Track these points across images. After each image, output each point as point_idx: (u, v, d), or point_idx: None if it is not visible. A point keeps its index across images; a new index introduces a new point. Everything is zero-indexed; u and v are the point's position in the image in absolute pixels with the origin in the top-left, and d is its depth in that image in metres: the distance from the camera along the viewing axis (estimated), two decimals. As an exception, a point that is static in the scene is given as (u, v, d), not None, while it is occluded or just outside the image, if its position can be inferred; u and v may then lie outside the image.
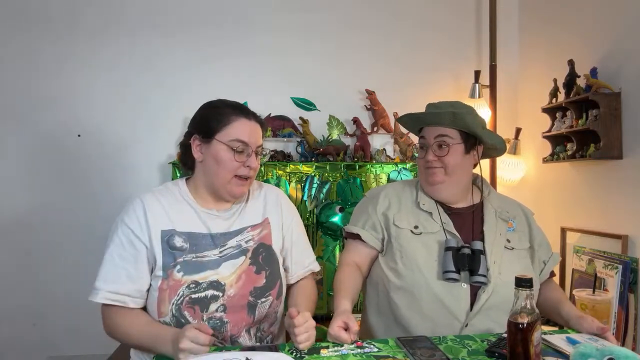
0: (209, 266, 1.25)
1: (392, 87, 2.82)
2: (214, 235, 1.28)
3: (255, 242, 1.32)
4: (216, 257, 1.26)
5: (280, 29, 2.80)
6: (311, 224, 2.66)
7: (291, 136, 2.70)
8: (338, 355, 1.10)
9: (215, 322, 1.22)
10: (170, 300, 1.20)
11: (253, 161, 1.26)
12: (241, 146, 1.25)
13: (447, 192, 1.44)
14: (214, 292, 1.23)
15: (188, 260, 1.24)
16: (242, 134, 1.25)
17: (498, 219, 1.44)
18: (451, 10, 2.95)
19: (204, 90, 2.68)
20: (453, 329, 1.29)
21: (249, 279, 1.27)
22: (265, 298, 1.29)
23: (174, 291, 1.20)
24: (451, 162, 1.40)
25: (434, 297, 1.31)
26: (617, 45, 2.16)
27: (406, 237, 1.39)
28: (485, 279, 1.31)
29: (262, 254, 1.32)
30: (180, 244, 1.25)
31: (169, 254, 1.23)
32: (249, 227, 1.34)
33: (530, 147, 2.80)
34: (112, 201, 2.57)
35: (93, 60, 2.64)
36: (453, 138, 1.40)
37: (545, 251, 1.47)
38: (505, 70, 2.89)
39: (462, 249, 1.33)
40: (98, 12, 2.66)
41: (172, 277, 1.21)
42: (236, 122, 1.26)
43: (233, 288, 1.24)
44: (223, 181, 1.26)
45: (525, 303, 0.96)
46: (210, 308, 1.22)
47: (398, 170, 2.67)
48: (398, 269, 1.35)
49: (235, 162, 1.25)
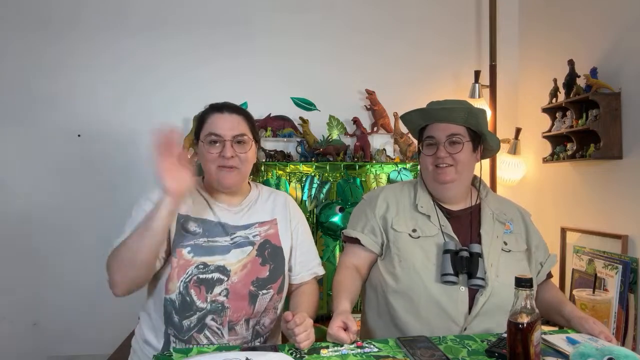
0: (219, 251, 1.31)
1: (392, 87, 2.82)
2: (224, 225, 1.35)
3: (261, 238, 1.38)
4: (227, 243, 1.33)
5: (280, 29, 2.80)
6: (311, 224, 2.66)
7: (291, 136, 2.70)
8: (338, 355, 1.10)
9: (217, 305, 1.27)
10: (180, 278, 1.26)
11: (227, 150, 1.31)
12: (214, 138, 1.32)
13: (455, 190, 1.43)
14: (219, 276, 1.28)
15: (199, 244, 1.30)
16: (214, 127, 1.33)
17: (495, 221, 1.44)
18: (451, 10, 2.95)
19: (204, 91, 2.70)
20: (451, 333, 1.29)
21: (253, 269, 1.33)
22: (266, 290, 1.33)
23: (183, 270, 1.26)
24: (463, 160, 1.40)
25: (432, 301, 1.30)
26: (617, 45, 2.16)
27: (404, 241, 1.38)
28: (483, 282, 1.30)
29: (268, 250, 1.38)
30: (194, 228, 1.32)
31: (182, 235, 1.30)
32: (257, 223, 1.40)
33: (530, 147, 2.80)
34: (112, 201, 2.57)
35: (94, 61, 2.65)
36: (464, 136, 1.41)
37: (542, 253, 1.47)
38: (505, 70, 2.89)
39: (460, 251, 1.33)
40: (99, 12, 2.66)
41: (182, 257, 1.27)
42: (209, 118, 1.36)
43: (237, 275, 1.30)
44: (210, 174, 1.35)
45: (525, 303, 0.96)
46: (214, 290, 1.27)
47: (398, 170, 2.67)
48: (396, 273, 1.35)
49: (210, 153, 1.32)
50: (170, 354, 1.12)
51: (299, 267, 1.45)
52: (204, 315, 1.27)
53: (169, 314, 1.28)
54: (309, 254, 1.49)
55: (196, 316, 1.26)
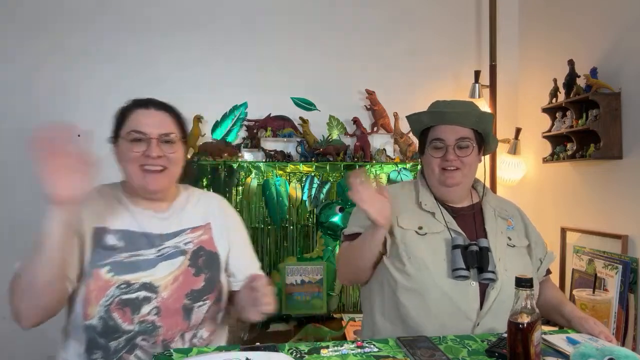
0: (144, 267, 1.19)
1: (392, 87, 2.82)
2: (150, 235, 1.22)
3: (194, 245, 1.27)
4: (153, 256, 1.21)
5: (280, 29, 2.80)
6: (311, 224, 2.66)
7: (291, 136, 2.70)
8: (338, 355, 1.10)
9: (146, 325, 1.17)
10: (98, 302, 1.14)
11: (152, 149, 1.19)
12: (138, 135, 1.20)
13: (460, 192, 1.45)
14: (146, 294, 1.16)
15: (120, 260, 1.18)
16: (138, 124, 1.21)
17: (498, 218, 1.45)
18: (451, 10, 2.95)
19: (204, 91, 2.70)
20: (464, 329, 1.28)
21: (186, 281, 1.22)
22: (202, 302, 1.23)
23: (102, 292, 1.14)
24: (470, 162, 1.41)
25: (444, 297, 1.29)
26: (617, 45, 2.16)
27: (411, 238, 1.37)
28: (494, 276, 1.30)
29: (202, 257, 1.27)
30: (113, 242, 1.19)
31: (98, 253, 1.17)
32: (189, 229, 1.29)
33: (530, 147, 2.80)
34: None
35: (93, 61, 2.64)
36: (472, 139, 1.41)
37: (541, 249, 1.49)
38: (505, 70, 2.89)
39: (469, 246, 1.33)
40: (99, 12, 2.66)
41: (99, 278, 1.15)
42: (132, 114, 1.23)
43: (167, 290, 1.19)
44: (132, 175, 1.22)
45: (525, 303, 0.96)
46: (142, 310, 1.16)
47: (398, 170, 2.67)
48: (406, 270, 1.33)
49: (133, 152, 1.20)
50: (171, 354, 1.12)
51: (239, 273, 1.33)
52: (132, 337, 1.16)
53: (91, 339, 1.16)
54: (249, 259, 1.39)
55: (124, 338, 1.16)
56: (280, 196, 2.61)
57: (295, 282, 2.38)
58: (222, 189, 2.55)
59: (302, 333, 2.19)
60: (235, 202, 2.61)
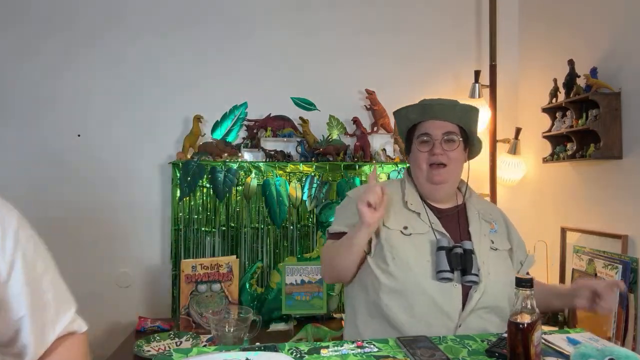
0: None
1: (392, 87, 2.82)
2: None
3: None
4: None
5: (280, 29, 2.80)
6: (311, 224, 2.66)
7: (291, 136, 2.70)
8: (338, 355, 1.09)
9: None
10: None
11: None
12: None
13: (446, 191, 1.45)
14: None
15: None
16: None
17: (481, 220, 1.45)
18: (451, 10, 2.95)
19: (204, 91, 2.70)
20: (446, 330, 1.29)
21: None
22: None
23: None
24: (456, 158, 1.41)
25: (427, 298, 1.30)
26: (617, 45, 2.16)
27: (397, 238, 1.37)
28: (477, 279, 1.31)
29: None
30: None
31: None
32: None
33: (530, 147, 2.80)
34: (112, 201, 2.57)
35: (93, 60, 2.64)
36: (458, 134, 1.42)
37: (522, 252, 1.50)
38: (505, 70, 2.89)
39: (454, 248, 1.33)
40: (99, 12, 2.66)
41: None
42: None
43: None
44: None
45: (526, 303, 0.95)
46: None
47: (398, 170, 2.67)
48: (390, 270, 1.33)
49: None
50: (171, 354, 1.12)
51: (35, 338, 0.85)
52: None
53: None
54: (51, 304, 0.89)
55: None
56: (280, 196, 2.61)
57: (295, 282, 2.38)
58: (222, 189, 2.56)
59: (302, 333, 2.19)
60: (235, 202, 2.61)
